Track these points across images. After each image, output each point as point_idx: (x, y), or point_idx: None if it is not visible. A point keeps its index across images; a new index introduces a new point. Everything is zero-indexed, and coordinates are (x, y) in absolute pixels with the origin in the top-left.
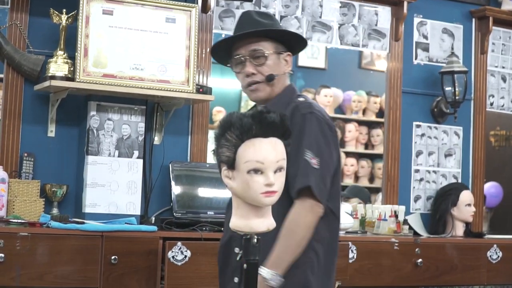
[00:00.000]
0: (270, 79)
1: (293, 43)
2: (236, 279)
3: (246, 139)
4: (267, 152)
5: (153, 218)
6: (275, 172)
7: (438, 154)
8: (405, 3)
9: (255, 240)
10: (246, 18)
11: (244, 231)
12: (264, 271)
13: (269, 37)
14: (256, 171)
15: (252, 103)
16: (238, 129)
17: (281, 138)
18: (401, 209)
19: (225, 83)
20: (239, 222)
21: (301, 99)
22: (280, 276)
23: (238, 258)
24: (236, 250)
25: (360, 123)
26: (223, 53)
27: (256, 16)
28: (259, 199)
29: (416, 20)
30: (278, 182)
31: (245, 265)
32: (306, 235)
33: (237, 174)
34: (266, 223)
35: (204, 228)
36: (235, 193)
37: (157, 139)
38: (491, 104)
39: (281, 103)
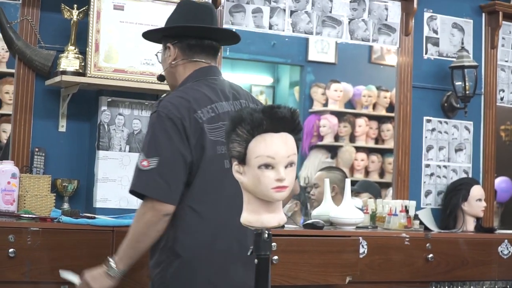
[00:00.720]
0: (158, 79)
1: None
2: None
3: (257, 134)
4: (278, 147)
5: None
6: (286, 167)
7: (449, 149)
8: None
9: (266, 235)
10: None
11: (255, 226)
12: (109, 262)
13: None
14: (267, 166)
15: (261, 99)
16: (249, 124)
17: (291, 133)
18: (411, 204)
19: (235, 78)
20: (250, 217)
21: (164, 95)
22: (119, 269)
23: (249, 253)
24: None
25: (370, 117)
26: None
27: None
28: (270, 194)
29: (426, 15)
30: (289, 177)
31: (256, 260)
32: (146, 232)
33: (248, 169)
34: (277, 218)
35: None
36: (246, 188)
37: None
38: (501, 98)
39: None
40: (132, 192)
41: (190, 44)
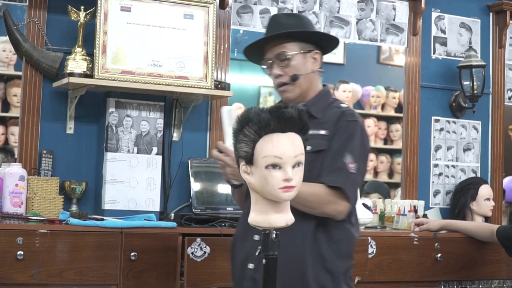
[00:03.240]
0: (294, 79)
1: (322, 41)
2: (251, 265)
3: (264, 134)
4: (285, 147)
5: (172, 215)
6: (293, 167)
7: (457, 148)
8: None
9: (274, 235)
10: (273, 22)
11: (263, 226)
12: None
13: (294, 37)
14: (275, 166)
15: (270, 100)
16: (256, 124)
17: (299, 133)
18: (420, 204)
19: (244, 79)
20: (258, 217)
21: (344, 105)
22: None
23: (257, 253)
24: (256, 237)
25: (379, 118)
26: (256, 55)
27: (282, 19)
28: (278, 194)
29: (434, 15)
30: (297, 177)
31: (264, 261)
32: (314, 209)
33: (256, 169)
34: (284, 218)
35: (223, 224)
36: (254, 188)
37: (175, 136)
38: (509, 98)
39: (320, 104)
40: (331, 187)
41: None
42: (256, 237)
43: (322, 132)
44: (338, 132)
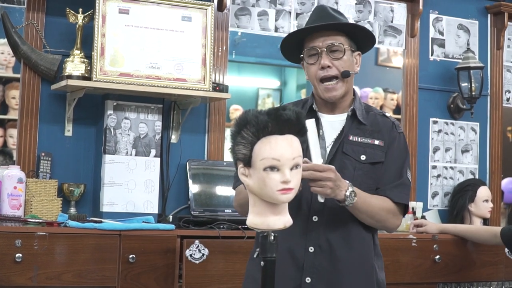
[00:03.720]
0: (345, 75)
1: (362, 43)
2: (308, 279)
3: (262, 136)
4: (283, 149)
5: (171, 217)
6: (291, 169)
7: (455, 150)
8: (421, 0)
9: (272, 238)
10: (323, 12)
11: (261, 228)
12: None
13: (344, 33)
14: (273, 168)
15: (268, 102)
16: (254, 127)
17: (297, 135)
18: (418, 205)
19: (242, 81)
20: (256, 219)
21: (386, 114)
22: (353, 200)
23: (255, 255)
24: (311, 249)
25: None
26: (292, 47)
27: (331, 11)
28: (276, 196)
29: (432, 16)
30: (295, 179)
31: (262, 263)
32: (379, 222)
33: (254, 172)
34: (282, 220)
35: (221, 226)
36: (252, 191)
37: (174, 138)
38: (508, 99)
39: (361, 110)
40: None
41: None
42: (311, 249)
43: (377, 142)
44: (393, 144)
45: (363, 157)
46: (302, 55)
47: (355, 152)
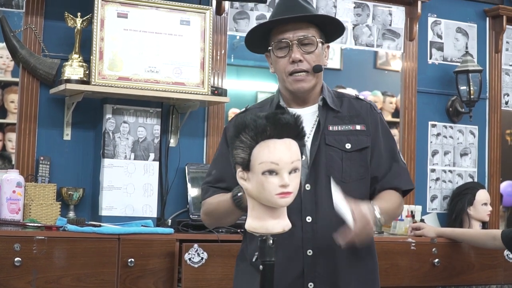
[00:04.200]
0: (317, 69)
1: (331, 33)
2: (311, 285)
3: (260, 140)
4: (281, 153)
5: (170, 221)
6: (290, 173)
7: (454, 153)
8: (419, 3)
9: (271, 241)
10: (291, 2)
11: (259, 232)
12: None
13: (315, 24)
14: (271, 172)
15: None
16: (253, 131)
17: (295, 139)
18: (417, 209)
19: (241, 85)
20: (255, 223)
21: (360, 96)
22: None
23: (254, 259)
24: (309, 252)
25: None
26: (258, 38)
27: (301, 1)
28: (274, 200)
29: (430, 20)
30: (293, 183)
31: (261, 267)
32: (397, 216)
33: (252, 176)
34: (281, 224)
35: (220, 230)
36: (250, 195)
37: (172, 141)
38: (506, 103)
39: (331, 97)
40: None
41: None
42: (309, 252)
43: (358, 127)
44: (377, 127)
45: (348, 146)
46: (270, 48)
47: (338, 142)
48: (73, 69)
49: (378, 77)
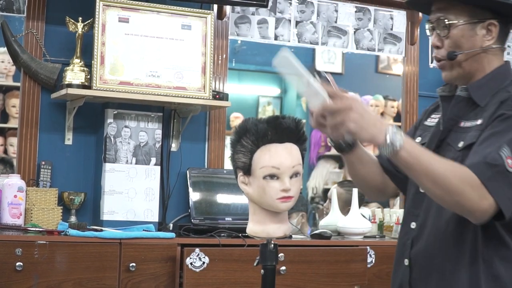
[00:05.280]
0: (450, 57)
1: (502, 8)
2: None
3: (261, 144)
4: (282, 158)
5: (171, 225)
6: (291, 177)
7: None
8: None
9: (272, 246)
10: None
11: (260, 236)
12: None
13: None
14: (272, 176)
15: (269, 110)
16: (254, 135)
17: (296, 143)
18: None
19: (242, 89)
20: (256, 227)
21: None
22: (400, 144)
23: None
24: (406, 262)
25: None
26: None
27: None
28: (275, 205)
29: None
30: (294, 187)
31: (262, 271)
32: (451, 196)
33: (253, 180)
34: (282, 228)
35: (222, 234)
36: (252, 199)
37: (174, 146)
38: None
39: (488, 88)
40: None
41: (509, 28)
42: (406, 262)
43: (479, 121)
44: (495, 117)
45: (461, 144)
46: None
47: (454, 140)
48: (75, 74)
49: (380, 81)
